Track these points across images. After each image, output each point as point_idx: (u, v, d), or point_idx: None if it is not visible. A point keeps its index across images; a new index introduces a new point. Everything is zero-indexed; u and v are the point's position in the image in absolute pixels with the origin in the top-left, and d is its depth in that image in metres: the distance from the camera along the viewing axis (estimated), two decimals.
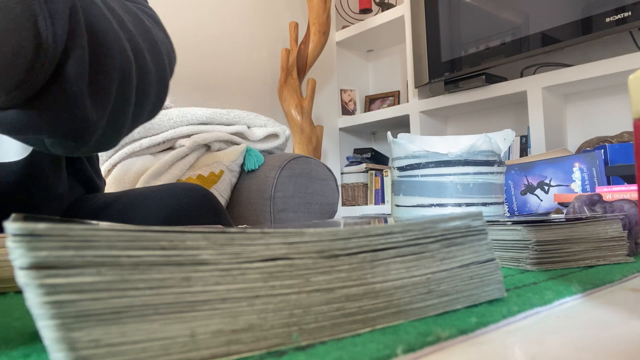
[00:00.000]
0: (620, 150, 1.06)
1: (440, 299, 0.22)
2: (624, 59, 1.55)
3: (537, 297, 0.25)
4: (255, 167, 1.25)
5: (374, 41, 2.61)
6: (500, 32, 1.80)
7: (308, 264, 0.19)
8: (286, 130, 1.41)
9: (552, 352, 0.18)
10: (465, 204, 0.47)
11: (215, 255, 0.17)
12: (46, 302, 0.14)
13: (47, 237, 0.14)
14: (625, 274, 0.32)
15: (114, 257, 0.15)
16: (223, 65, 2.11)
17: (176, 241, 0.16)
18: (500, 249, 0.36)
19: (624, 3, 1.47)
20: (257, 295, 0.17)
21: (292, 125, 2.16)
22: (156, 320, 0.16)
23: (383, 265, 0.21)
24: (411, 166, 0.49)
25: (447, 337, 0.19)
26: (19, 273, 0.14)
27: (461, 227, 0.23)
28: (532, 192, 0.91)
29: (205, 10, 2.06)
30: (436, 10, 2.02)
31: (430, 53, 2.02)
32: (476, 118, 2.24)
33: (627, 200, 0.42)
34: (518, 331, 0.20)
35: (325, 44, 2.23)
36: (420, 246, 0.22)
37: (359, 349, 0.17)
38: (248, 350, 0.17)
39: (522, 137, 1.98)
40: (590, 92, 1.84)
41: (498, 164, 0.49)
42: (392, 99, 2.60)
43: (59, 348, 0.14)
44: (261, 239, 0.18)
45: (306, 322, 0.18)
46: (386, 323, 0.20)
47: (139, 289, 0.15)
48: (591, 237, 0.36)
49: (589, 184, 0.86)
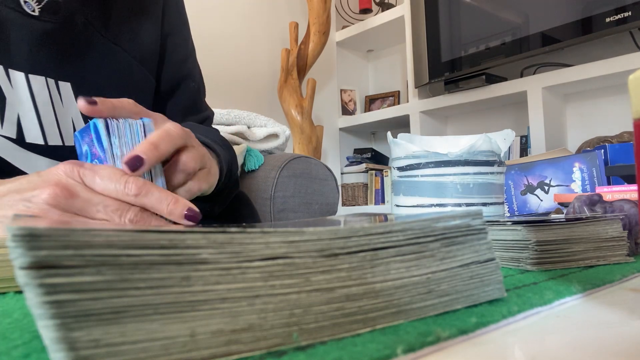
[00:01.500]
0: (620, 150, 1.06)
1: (440, 298, 0.22)
2: (624, 59, 1.55)
3: (537, 297, 0.25)
4: (255, 167, 1.25)
5: (374, 41, 2.61)
6: (500, 32, 1.80)
7: (308, 263, 0.19)
8: (286, 130, 1.41)
9: (552, 352, 0.18)
10: (465, 204, 0.47)
11: (215, 255, 0.17)
12: (46, 302, 0.14)
13: (46, 237, 0.14)
14: (625, 274, 0.32)
15: (113, 257, 0.15)
16: (223, 65, 2.11)
17: (176, 240, 0.16)
18: (500, 249, 0.36)
19: (624, 3, 1.47)
20: (257, 294, 0.17)
21: (292, 125, 2.16)
22: (156, 320, 0.15)
23: (383, 265, 0.21)
24: (411, 166, 0.49)
25: (447, 337, 0.19)
26: (19, 273, 0.14)
27: (461, 226, 0.23)
28: (532, 192, 0.91)
29: (205, 11, 2.06)
30: (436, 10, 2.02)
31: (430, 53, 2.02)
32: (476, 118, 2.24)
33: (627, 200, 0.42)
34: (518, 331, 0.20)
35: (325, 44, 2.22)
36: (420, 245, 0.22)
37: (359, 349, 0.17)
38: (248, 350, 0.17)
39: (522, 137, 1.98)
40: (590, 92, 1.84)
41: (498, 164, 0.49)
42: (392, 99, 2.60)
43: (59, 348, 0.14)
44: (261, 238, 0.18)
45: (306, 322, 0.18)
46: (386, 323, 0.20)
47: (138, 289, 0.15)
48: (591, 237, 0.36)
49: (589, 184, 0.86)
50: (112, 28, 0.62)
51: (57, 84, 0.57)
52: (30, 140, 0.55)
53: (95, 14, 0.60)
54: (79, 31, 0.58)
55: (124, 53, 0.63)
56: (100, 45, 0.61)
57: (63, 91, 0.58)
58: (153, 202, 0.38)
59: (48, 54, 0.56)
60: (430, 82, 2.03)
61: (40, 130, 0.55)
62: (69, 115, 0.59)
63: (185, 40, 0.75)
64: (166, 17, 0.70)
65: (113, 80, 0.62)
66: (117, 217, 0.37)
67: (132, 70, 0.64)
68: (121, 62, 0.63)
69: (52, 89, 0.56)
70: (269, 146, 1.38)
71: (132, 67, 0.64)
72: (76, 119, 0.59)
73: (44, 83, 0.55)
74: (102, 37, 0.61)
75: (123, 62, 0.63)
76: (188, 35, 0.76)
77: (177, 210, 0.38)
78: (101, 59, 0.61)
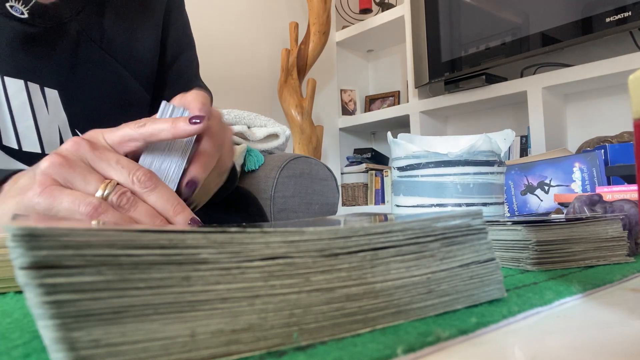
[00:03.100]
0: (620, 150, 1.06)
1: (440, 299, 0.22)
2: (624, 59, 1.55)
3: (537, 297, 0.25)
4: (255, 167, 1.25)
5: (374, 41, 2.61)
6: (500, 32, 1.80)
7: (308, 263, 0.19)
8: (286, 130, 1.41)
9: (552, 352, 0.18)
10: (465, 204, 0.47)
11: (215, 254, 0.17)
12: (46, 302, 0.14)
13: (46, 236, 0.14)
14: (625, 274, 0.32)
15: (113, 257, 0.15)
16: (223, 65, 2.11)
17: (176, 240, 0.16)
18: (500, 249, 0.36)
19: (624, 3, 1.47)
20: (257, 294, 0.17)
21: (292, 125, 2.16)
22: (156, 320, 0.15)
23: (383, 265, 0.21)
24: (411, 166, 0.49)
25: (447, 337, 0.19)
26: (19, 273, 0.14)
27: (461, 226, 0.23)
28: (532, 192, 0.91)
29: (205, 11, 2.06)
30: (436, 10, 2.02)
31: (430, 53, 2.02)
32: (476, 118, 2.24)
33: (627, 201, 0.42)
34: (518, 331, 0.20)
35: (325, 44, 2.22)
36: (420, 245, 0.22)
37: (359, 349, 0.17)
38: (248, 350, 0.17)
39: (522, 137, 1.98)
40: (590, 92, 1.84)
41: (498, 164, 0.49)
42: (392, 99, 2.60)
43: (59, 348, 0.14)
44: (261, 237, 0.18)
45: (306, 322, 0.18)
46: (386, 323, 0.20)
47: (139, 289, 0.15)
48: (591, 237, 0.36)
49: (589, 184, 0.86)
50: (108, 39, 0.61)
51: (42, 90, 0.56)
52: (6, 143, 0.54)
53: (91, 24, 0.60)
54: (71, 39, 0.58)
55: (118, 65, 0.62)
56: (93, 56, 0.60)
57: (49, 98, 0.57)
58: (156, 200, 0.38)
59: (31, 58, 0.55)
60: (430, 82, 2.03)
61: (14, 134, 0.54)
62: (55, 123, 0.57)
63: (189, 61, 0.74)
64: (170, 39, 0.69)
65: (105, 91, 0.61)
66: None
67: (126, 83, 0.64)
68: (114, 74, 0.62)
69: (35, 94, 0.55)
70: (269, 146, 1.38)
71: (125, 80, 0.63)
72: (63, 128, 0.58)
73: (23, 86, 0.54)
74: (96, 47, 0.60)
75: (116, 74, 0.62)
76: (192, 56, 0.75)
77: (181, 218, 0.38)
78: (94, 69, 0.60)
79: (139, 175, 0.37)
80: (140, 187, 0.37)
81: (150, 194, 0.37)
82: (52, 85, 0.57)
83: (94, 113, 0.60)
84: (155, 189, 0.37)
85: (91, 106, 0.60)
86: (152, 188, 0.37)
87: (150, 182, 0.37)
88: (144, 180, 0.37)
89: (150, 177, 0.38)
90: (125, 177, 0.37)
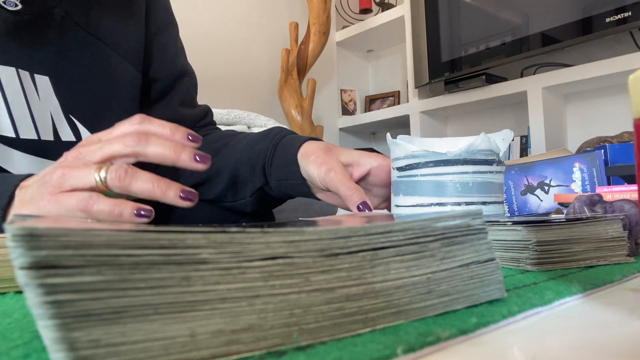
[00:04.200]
0: (620, 150, 1.05)
1: (440, 299, 0.22)
2: (624, 59, 1.55)
3: (537, 297, 0.25)
4: None
5: (374, 41, 2.61)
6: (501, 32, 1.80)
7: (308, 263, 0.19)
8: None
9: (552, 352, 0.18)
10: (464, 203, 0.47)
11: (215, 254, 0.17)
12: (46, 302, 0.14)
13: (46, 236, 0.14)
14: (625, 274, 0.32)
15: (113, 257, 0.15)
16: (223, 65, 2.11)
17: (176, 240, 0.16)
18: (500, 249, 0.36)
19: (624, 3, 1.46)
20: (257, 294, 0.17)
21: (292, 125, 2.16)
22: (156, 320, 0.15)
23: (383, 265, 0.21)
24: (410, 166, 0.49)
25: (447, 337, 0.19)
26: (19, 273, 0.14)
27: (461, 226, 0.23)
28: (532, 192, 0.91)
29: (205, 11, 2.06)
30: (436, 11, 2.02)
31: (430, 53, 2.02)
32: (476, 118, 2.24)
33: (627, 201, 0.42)
34: (518, 331, 0.20)
35: (325, 44, 2.22)
36: (420, 245, 0.22)
37: (359, 349, 0.17)
38: (248, 350, 0.17)
39: (522, 137, 1.98)
40: (590, 92, 1.84)
41: (497, 163, 0.49)
42: (392, 99, 2.60)
43: (59, 348, 0.14)
44: (261, 237, 0.18)
45: (306, 322, 0.18)
46: (386, 323, 0.20)
47: (138, 289, 0.15)
48: (591, 237, 0.36)
49: (589, 184, 0.86)
50: (93, 22, 0.62)
51: (32, 77, 0.56)
52: (2, 132, 0.55)
53: (75, 8, 0.60)
54: (57, 25, 0.58)
55: (106, 47, 0.63)
56: (80, 39, 0.60)
57: (40, 84, 0.57)
58: (157, 148, 0.39)
59: (20, 46, 0.55)
60: (430, 82, 2.03)
61: (10, 121, 0.55)
62: (47, 110, 0.58)
63: (174, 39, 0.75)
64: (152, 17, 0.70)
65: (94, 73, 0.62)
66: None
67: (115, 63, 0.64)
68: (103, 55, 0.63)
69: (26, 81, 0.56)
70: None
71: (114, 60, 0.64)
72: (55, 114, 0.58)
73: (15, 74, 0.55)
74: (82, 31, 0.61)
75: (105, 55, 0.63)
76: (176, 34, 0.76)
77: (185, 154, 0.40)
78: (81, 53, 0.61)
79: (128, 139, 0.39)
80: (136, 146, 0.39)
81: (147, 145, 0.39)
82: (42, 71, 0.57)
83: (87, 97, 0.61)
84: (150, 138, 0.40)
85: (83, 90, 0.61)
86: (146, 139, 0.39)
87: (142, 135, 0.39)
88: (136, 137, 0.39)
89: (138, 132, 0.40)
90: (120, 147, 0.39)
